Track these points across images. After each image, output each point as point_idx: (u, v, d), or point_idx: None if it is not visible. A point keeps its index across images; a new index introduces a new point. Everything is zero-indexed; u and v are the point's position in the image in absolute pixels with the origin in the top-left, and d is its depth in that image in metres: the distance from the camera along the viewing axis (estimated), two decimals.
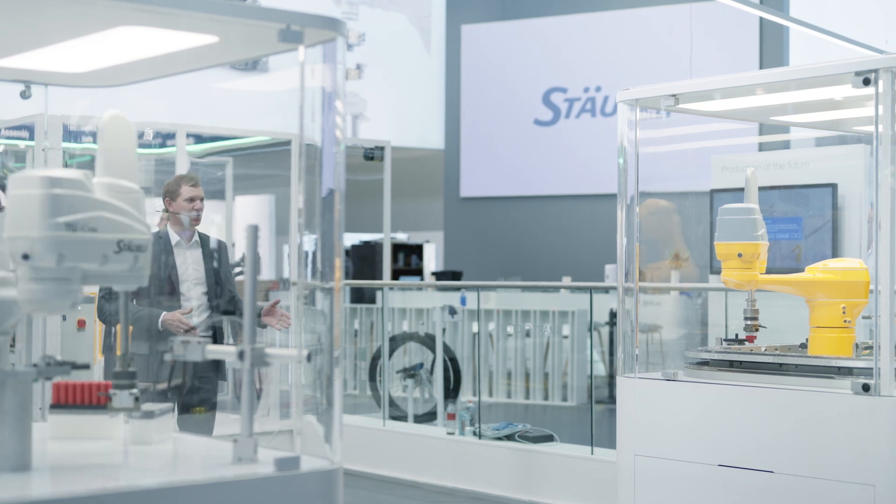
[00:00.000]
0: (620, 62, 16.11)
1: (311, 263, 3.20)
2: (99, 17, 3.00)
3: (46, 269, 2.66)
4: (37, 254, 2.65)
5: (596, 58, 16.46)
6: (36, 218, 2.65)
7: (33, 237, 2.65)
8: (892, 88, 4.46)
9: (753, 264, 5.14)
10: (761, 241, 5.16)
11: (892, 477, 4.37)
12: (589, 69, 16.51)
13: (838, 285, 5.00)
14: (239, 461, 2.87)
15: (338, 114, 3.06)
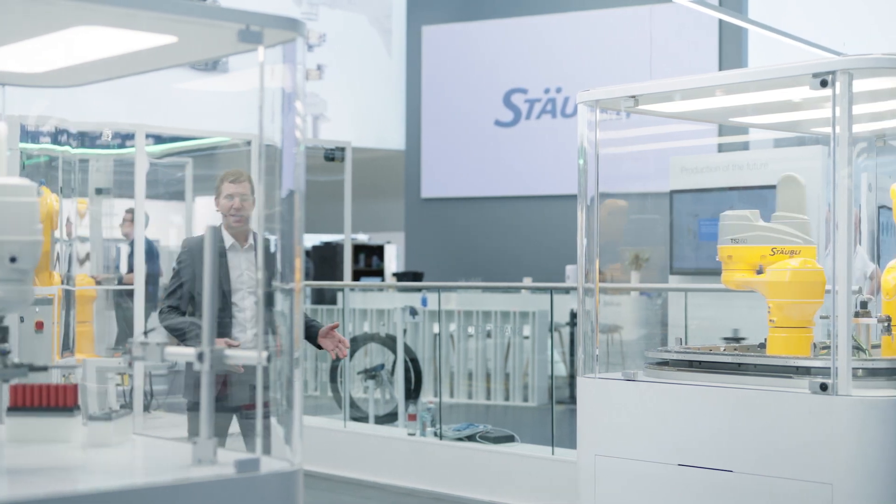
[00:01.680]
0: (581, 63, 16.15)
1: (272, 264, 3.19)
2: (56, 17, 2.98)
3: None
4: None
5: (556, 59, 16.49)
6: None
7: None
8: (849, 90, 4.49)
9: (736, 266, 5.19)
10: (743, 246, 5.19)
11: (849, 475, 4.40)
12: (549, 70, 16.54)
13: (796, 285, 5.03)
14: (199, 463, 2.86)
15: (298, 114, 3.06)
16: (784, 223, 5.17)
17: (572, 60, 16.29)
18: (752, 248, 5.15)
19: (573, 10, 16.40)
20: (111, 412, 3.14)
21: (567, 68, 16.31)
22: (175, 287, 5.94)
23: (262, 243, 3.29)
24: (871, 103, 5.02)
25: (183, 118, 13.36)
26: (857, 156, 5.68)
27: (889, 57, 4.59)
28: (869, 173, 6.01)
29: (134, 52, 3.28)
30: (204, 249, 3.04)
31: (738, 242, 5.18)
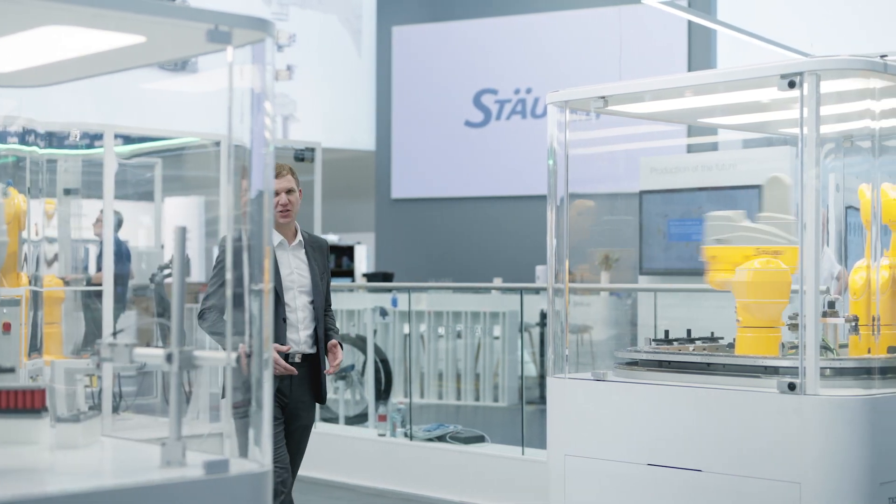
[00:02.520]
0: (551, 64, 16.17)
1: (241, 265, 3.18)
2: (24, 16, 2.96)
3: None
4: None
5: (526, 60, 16.52)
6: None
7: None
8: (817, 91, 4.52)
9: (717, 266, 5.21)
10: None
11: (817, 474, 4.42)
12: (519, 71, 16.56)
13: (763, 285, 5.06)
14: (167, 464, 2.85)
15: (267, 115, 3.05)
16: (769, 223, 5.20)
17: (542, 61, 16.32)
18: (736, 248, 5.18)
19: (543, 11, 16.43)
20: (79, 414, 3.13)
21: (537, 69, 16.34)
22: (216, 288, 5.67)
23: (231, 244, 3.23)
24: (839, 104, 5.05)
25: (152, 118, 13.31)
26: (824, 156, 5.70)
27: (856, 58, 4.62)
28: (836, 174, 6.05)
29: (102, 51, 3.27)
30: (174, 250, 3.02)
31: (722, 243, 5.20)
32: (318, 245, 5.91)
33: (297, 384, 5.66)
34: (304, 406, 5.73)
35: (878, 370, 4.63)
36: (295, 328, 5.67)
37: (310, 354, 5.71)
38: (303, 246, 5.80)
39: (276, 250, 5.69)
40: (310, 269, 5.77)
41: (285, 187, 5.71)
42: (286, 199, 5.71)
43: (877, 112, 4.72)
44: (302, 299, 5.72)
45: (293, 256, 5.75)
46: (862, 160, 5.28)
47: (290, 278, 5.70)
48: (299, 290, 5.72)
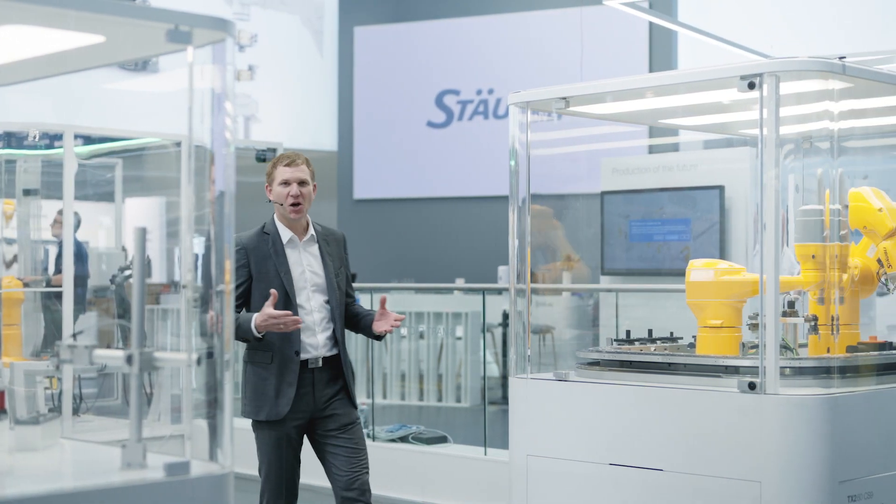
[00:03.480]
0: (512, 65, 16.20)
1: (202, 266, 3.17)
2: None
3: None
4: None
5: (488, 60, 16.54)
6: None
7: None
8: (776, 92, 4.55)
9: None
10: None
11: (777, 473, 4.45)
12: (481, 72, 16.59)
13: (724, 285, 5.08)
14: (128, 466, 2.84)
15: (227, 115, 3.04)
16: None
17: (504, 62, 16.35)
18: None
19: (505, 12, 16.45)
20: (39, 416, 3.11)
21: (499, 70, 16.36)
22: (237, 291, 5.23)
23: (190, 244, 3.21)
24: (798, 105, 5.08)
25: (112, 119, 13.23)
26: (784, 157, 5.73)
27: (815, 60, 4.65)
28: (796, 175, 6.08)
29: (61, 51, 3.25)
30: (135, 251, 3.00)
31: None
32: (334, 238, 5.48)
33: (321, 387, 5.25)
34: (337, 402, 5.29)
35: (838, 370, 4.67)
36: (311, 331, 5.23)
37: (330, 357, 5.29)
38: (315, 241, 5.36)
39: (287, 248, 5.28)
40: (324, 266, 5.32)
41: (298, 178, 5.28)
42: (297, 190, 5.27)
43: (835, 113, 4.75)
44: (317, 299, 5.28)
45: (305, 253, 5.32)
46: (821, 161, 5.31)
47: (302, 277, 5.27)
48: (313, 290, 5.28)
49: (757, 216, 4.68)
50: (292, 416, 5.23)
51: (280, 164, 5.35)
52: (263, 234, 5.32)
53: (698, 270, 5.12)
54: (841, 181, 5.06)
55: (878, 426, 4.66)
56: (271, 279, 5.21)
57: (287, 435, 5.28)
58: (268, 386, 5.21)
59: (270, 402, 5.22)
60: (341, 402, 5.31)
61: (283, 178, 5.31)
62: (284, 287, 5.19)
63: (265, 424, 5.30)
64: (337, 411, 5.29)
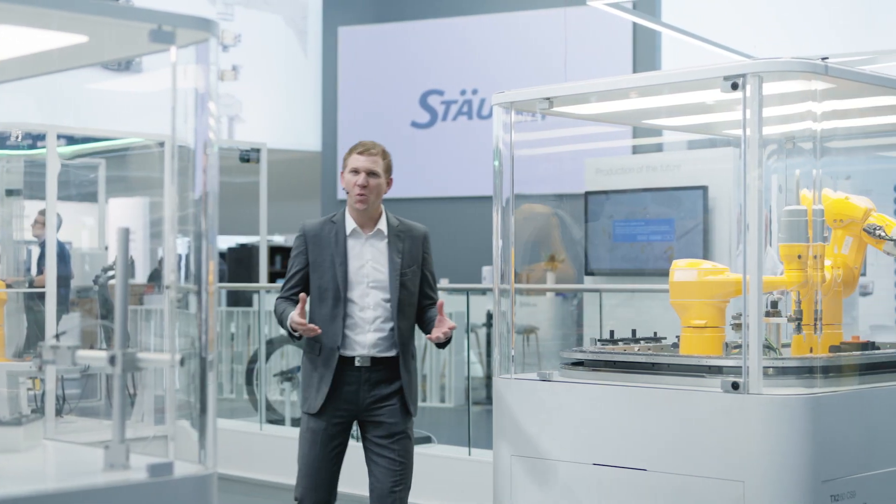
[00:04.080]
0: (497, 65, 16.21)
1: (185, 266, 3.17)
2: None
3: None
4: None
5: (472, 61, 16.54)
6: None
7: None
8: (759, 93, 4.56)
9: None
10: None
11: (760, 473, 4.46)
12: (465, 72, 16.59)
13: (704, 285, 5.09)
14: (111, 467, 2.83)
15: (211, 115, 3.04)
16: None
17: (488, 62, 16.35)
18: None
19: (489, 13, 16.46)
20: (21, 417, 3.10)
21: (483, 70, 16.37)
22: (288, 278, 5.17)
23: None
24: (781, 106, 5.10)
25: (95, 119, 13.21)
26: (767, 158, 5.76)
27: (798, 60, 4.66)
28: (779, 175, 6.10)
29: (44, 51, 3.24)
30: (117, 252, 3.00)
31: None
32: (411, 234, 5.22)
33: (368, 388, 5.07)
34: (386, 410, 5.09)
35: (820, 369, 4.68)
36: (361, 328, 5.03)
37: (385, 358, 5.08)
38: (384, 236, 5.12)
39: (349, 239, 5.07)
40: (389, 262, 5.08)
41: (367, 167, 5.10)
42: (365, 180, 5.07)
43: (818, 114, 4.77)
44: (374, 296, 5.05)
45: (370, 247, 5.09)
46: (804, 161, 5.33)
47: (360, 272, 5.04)
48: (371, 286, 5.05)
49: (740, 216, 4.69)
50: (332, 413, 5.08)
51: (354, 151, 5.17)
52: (330, 222, 5.16)
53: (682, 270, 5.13)
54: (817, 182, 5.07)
55: (860, 426, 4.68)
56: (325, 269, 5.06)
57: (324, 430, 5.11)
58: (313, 378, 5.12)
59: (312, 395, 5.11)
60: (392, 409, 5.10)
61: (354, 166, 5.12)
62: (336, 279, 5.01)
63: (305, 416, 5.17)
64: (385, 419, 5.10)
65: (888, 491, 4.75)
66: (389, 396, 5.09)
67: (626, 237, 9.73)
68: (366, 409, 5.09)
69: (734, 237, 8.85)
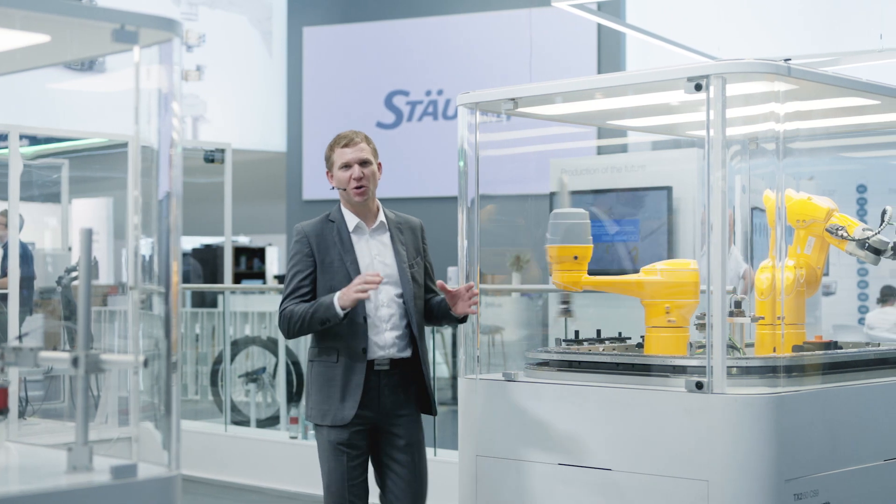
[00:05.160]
0: (462, 66, 16.22)
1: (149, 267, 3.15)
2: None
3: None
4: None
5: (438, 61, 16.55)
6: None
7: None
8: (723, 94, 4.58)
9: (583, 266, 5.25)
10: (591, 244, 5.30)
11: (724, 472, 4.48)
12: (431, 72, 16.59)
13: (665, 286, 5.11)
14: (74, 470, 2.81)
15: (174, 115, 3.02)
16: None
17: (453, 63, 16.36)
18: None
19: (454, 13, 16.47)
20: None
21: (448, 71, 16.38)
22: (294, 285, 4.84)
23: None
24: (744, 107, 5.13)
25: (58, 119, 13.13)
26: (730, 158, 5.79)
27: (761, 61, 4.69)
28: (742, 175, 6.13)
29: (6, 50, 3.22)
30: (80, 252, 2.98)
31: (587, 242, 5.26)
32: (408, 225, 5.04)
33: (388, 393, 4.83)
34: (403, 420, 4.88)
35: (784, 369, 4.71)
36: (377, 329, 4.80)
37: (402, 360, 4.87)
38: (386, 229, 4.93)
39: (353, 235, 4.87)
40: (395, 256, 4.88)
41: (359, 158, 4.86)
42: (360, 171, 4.84)
43: (781, 115, 4.80)
44: (387, 292, 4.83)
45: (374, 242, 4.90)
46: (767, 162, 5.36)
47: (370, 268, 4.83)
48: (384, 283, 4.79)
49: (704, 217, 4.71)
50: (354, 422, 4.81)
51: (337, 147, 4.90)
52: (328, 221, 4.92)
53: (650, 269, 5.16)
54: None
55: (823, 425, 4.71)
56: (336, 269, 4.81)
57: (348, 441, 4.83)
58: (333, 388, 4.80)
59: (336, 406, 4.79)
60: (409, 420, 4.90)
61: (344, 161, 4.87)
62: (350, 277, 4.74)
63: (325, 429, 4.86)
64: (403, 430, 4.89)
65: (851, 489, 4.79)
66: (407, 403, 4.90)
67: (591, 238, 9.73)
68: (384, 416, 4.85)
69: (698, 237, 8.89)
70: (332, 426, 4.82)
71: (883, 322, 11.10)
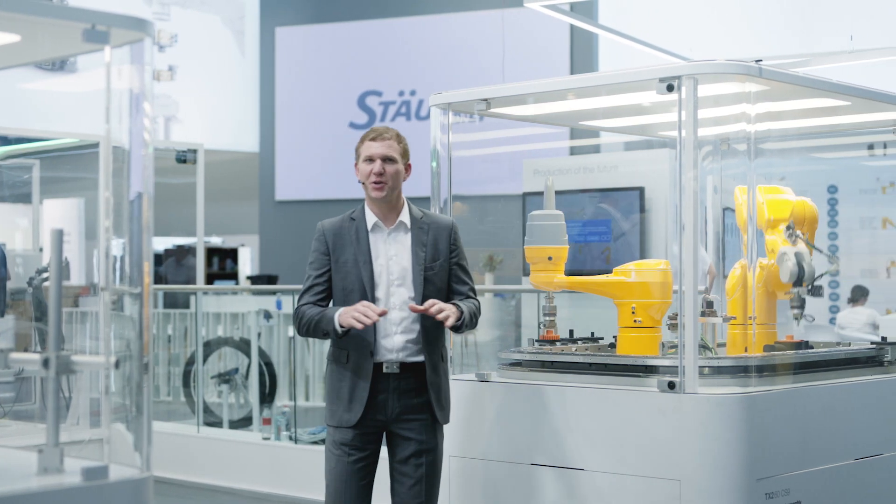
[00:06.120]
0: (435, 67, 16.23)
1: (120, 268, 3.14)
2: None
3: None
4: None
5: (411, 62, 16.56)
6: None
7: None
8: (695, 94, 4.60)
9: (559, 267, 5.26)
10: (567, 246, 5.32)
11: (696, 471, 4.50)
12: (404, 73, 16.60)
13: (636, 286, 5.13)
14: (45, 472, 2.80)
15: (146, 116, 3.01)
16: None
17: (426, 63, 16.37)
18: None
19: (427, 14, 16.48)
20: None
21: (421, 71, 16.39)
22: (310, 283, 4.78)
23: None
24: (716, 107, 5.14)
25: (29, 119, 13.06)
26: (702, 159, 5.81)
27: (732, 62, 4.71)
28: (714, 176, 6.16)
29: None
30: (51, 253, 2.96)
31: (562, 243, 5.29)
32: (437, 226, 4.84)
33: (398, 397, 4.70)
34: (416, 425, 4.73)
35: (755, 369, 4.73)
36: (387, 332, 4.68)
37: (413, 364, 4.72)
38: (407, 229, 4.77)
39: (371, 234, 4.74)
40: (412, 257, 4.73)
41: (382, 154, 4.73)
42: (381, 167, 4.71)
43: (752, 115, 4.82)
44: (400, 295, 4.70)
45: (393, 242, 4.75)
46: (738, 162, 5.38)
47: (385, 269, 4.71)
48: (397, 284, 4.70)
49: (676, 217, 4.73)
50: (360, 424, 4.70)
51: (367, 139, 4.77)
52: (349, 219, 4.79)
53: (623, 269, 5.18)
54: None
55: (794, 424, 4.73)
56: (349, 269, 4.71)
57: (351, 442, 4.73)
58: (342, 388, 4.72)
59: (343, 407, 4.71)
60: (422, 424, 4.74)
61: (368, 154, 4.74)
62: (362, 278, 4.67)
63: (331, 429, 4.79)
64: (415, 435, 4.74)
65: (822, 488, 4.81)
66: (419, 408, 4.73)
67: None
68: (395, 420, 4.72)
69: (671, 237, 8.91)
70: (337, 426, 4.75)
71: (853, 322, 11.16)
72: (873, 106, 5.57)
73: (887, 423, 5.22)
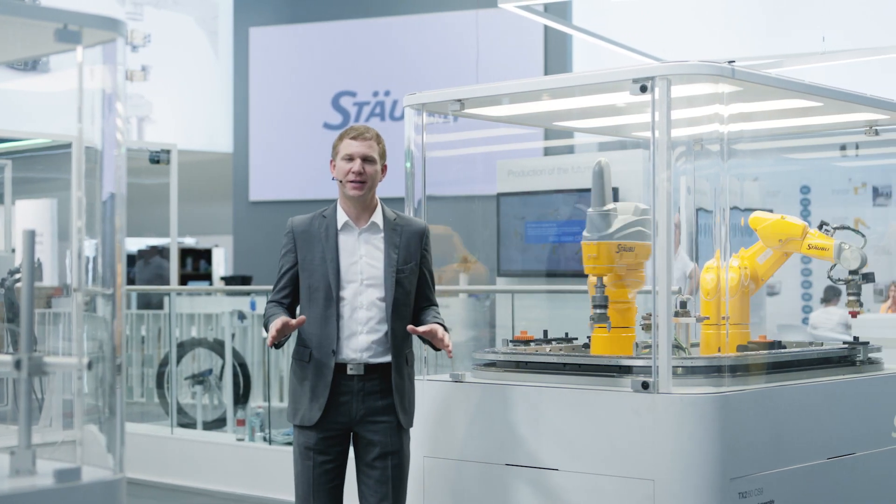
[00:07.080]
0: (409, 67, 16.24)
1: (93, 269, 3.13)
2: None
3: None
4: None
5: (385, 62, 16.55)
6: None
7: None
8: (668, 95, 4.61)
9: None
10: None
11: (670, 471, 4.51)
12: (378, 73, 16.59)
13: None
14: (16, 474, 2.78)
15: (118, 116, 3.00)
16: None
17: (400, 64, 16.37)
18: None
19: (401, 14, 16.48)
20: None
21: (395, 72, 16.38)
22: (277, 280, 4.80)
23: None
24: (689, 108, 5.16)
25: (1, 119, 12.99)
26: (675, 159, 5.83)
27: (705, 63, 4.73)
28: (687, 177, 6.18)
29: None
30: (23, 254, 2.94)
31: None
32: (409, 228, 4.83)
33: (361, 400, 4.67)
34: (381, 427, 4.69)
35: (728, 369, 4.74)
36: (352, 331, 4.65)
37: (379, 364, 4.69)
38: (380, 229, 4.75)
39: (340, 233, 4.72)
40: (385, 258, 4.70)
41: (362, 153, 4.72)
42: (360, 166, 4.69)
43: (725, 116, 4.84)
44: (369, 295, 4.66)
45: (363, 242, 4.72)
46: (711, 163, 5.40)
47: (353, 269, 4.68)
48: (367, 284, 4.66)
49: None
50: (324, 425, 4.68)
51: (346, 137, 4.75)
52: (320, 216, 4.78)
53: None
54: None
55: (767, 424, 4.75)
56: (315, 267, 4.69)
57: (315, 446, 4.71)
58: (304, 387, 4.70)
59: (305, 406, 4.69)
60: (386, 426, 4.70)
61: (348, 153, 4.72)
62: (328, 277, 4.65)
63: (296, 429, 4.77)
64: (379, 437, 4.70)
65: (795, 488, 4.83)
66: (383, 410, 4.70)
67: (537, 238, 9.78)
68: (359, 422, 4.69)
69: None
70: (302, 427, 4.72)
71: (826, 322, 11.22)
72: (845, 107, 5.60)
73: (859, 422, 5.24)
